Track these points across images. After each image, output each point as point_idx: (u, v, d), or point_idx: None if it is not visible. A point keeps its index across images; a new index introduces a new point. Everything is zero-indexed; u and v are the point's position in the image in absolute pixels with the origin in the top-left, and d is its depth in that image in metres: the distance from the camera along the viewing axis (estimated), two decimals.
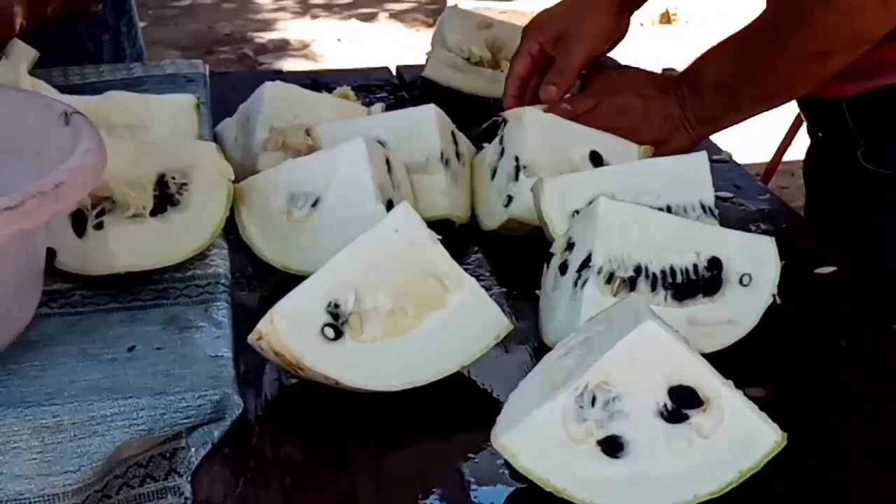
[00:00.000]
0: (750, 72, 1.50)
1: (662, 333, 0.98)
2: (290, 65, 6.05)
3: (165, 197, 1.28)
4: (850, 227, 1.63)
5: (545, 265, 1.26)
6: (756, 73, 1.50)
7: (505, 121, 1.56)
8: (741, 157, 1.80)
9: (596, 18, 1.69)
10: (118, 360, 1.08)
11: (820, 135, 1.72)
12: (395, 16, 7.04)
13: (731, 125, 1.58)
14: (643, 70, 1.71)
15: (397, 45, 6.35)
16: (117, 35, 2.21)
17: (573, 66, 1.67)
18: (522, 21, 1.79)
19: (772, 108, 1.54)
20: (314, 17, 7.01)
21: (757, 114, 1.56)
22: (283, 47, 6.43)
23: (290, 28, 6.78)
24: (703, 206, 1.34)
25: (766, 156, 3.94)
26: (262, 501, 1.00)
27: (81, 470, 1.01)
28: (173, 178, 1.29)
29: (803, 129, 3.67)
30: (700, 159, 1.36)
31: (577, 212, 1.27)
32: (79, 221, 1.23)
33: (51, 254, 1.18)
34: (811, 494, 1.01)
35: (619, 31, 1.73)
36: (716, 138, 1.81)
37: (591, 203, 1.23)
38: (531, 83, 1.70)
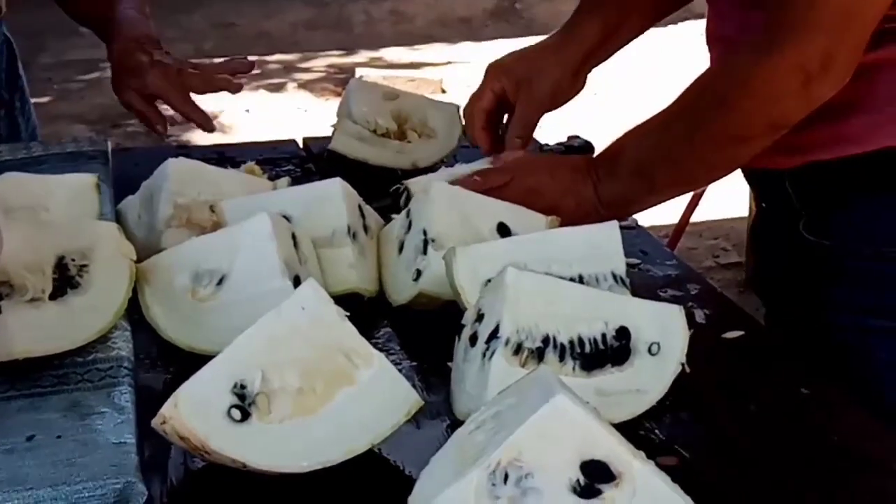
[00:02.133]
0: (669, 155, 1.52)
1: (573, 407, 0.98)
2: (197, 137, 6.01)
3: (65, 279, 1.26)
4: (793, 293, 1.64)
5: (457, 337, 1.25)
6: (675, 156, 1.52)
7: (407, 189, 1.58)
8: (647, 221, 1.82)
9: (556, 74, 1.74)
10: (17, 450, 1.06)
11: (763, 205, 1.73)
12: (304, 85, 7.07)
13: (645, 209, 1.60)
14: (559, 156, 1.73)
15: (306, 114, 6.38)
16: (11, 110, 2.19)
17: (533, 121, 1.72)
18: (428, 90, 1.81)
19: (687, 192, 1.56)
20: None
21: (672, 197, 1.58)
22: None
23: (198, 99, 6.77)
24: (614, 276, 1.34)
25: (672, 218, 3.99)
26: None
27: None
28: (73, 259, 1.28)
29: (709, 189, 3.77)
30: (611, 229, 1.37)
31: (489, 281, 1.27)
32: None
33: None
34: None
35: (574, 90, 1.77)
36: None
37: (500, 273, 1.23)
38: (491, 119, 1.77)
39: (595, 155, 1.65)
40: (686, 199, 3.94)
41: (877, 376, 1.47)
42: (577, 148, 1.85)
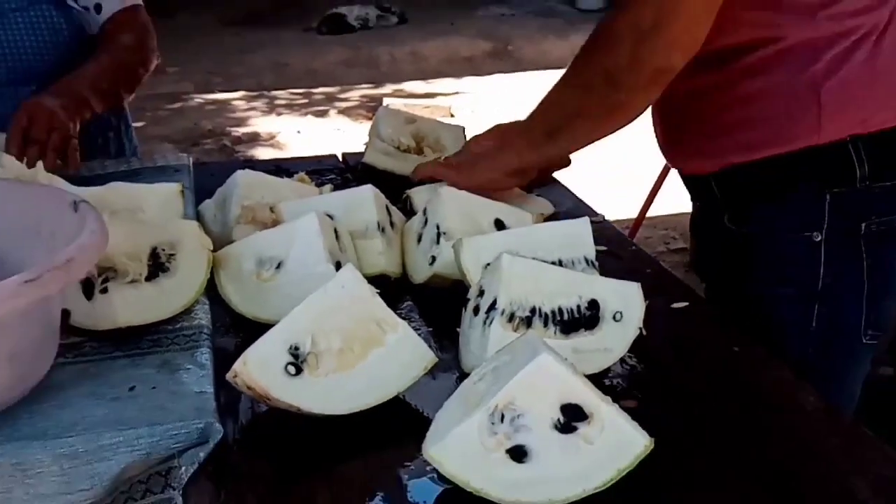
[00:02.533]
0: (564, 111, 1.52)
1: (554, 363, 0.99)
2: (260, 153, 6.03)
3: (157, 265, 1.26)
4: (723, 272, 1.64)
5: (463, 308, 1.25)
6: (568, 110, 1.51)
7: (409, 197, 1.61)
8: (612, 216, 1.82)
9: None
10: (121, 398, 1.06)
11: (697, 203, 1.73)
12: (343, 112, 7.05)
13: (565, 155, 1.61)
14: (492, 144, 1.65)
15: (345, 134, 6.36)
16: (118, 134, 2.19)
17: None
18: (440, 115, 1.80)
19: (593, 141, 1.53)
20: (279, 114, 7.01)
21: (583, 145, 1.55)
22: (254, 139, 6.41)
23: (260, 123, 6.77)
24: (586, 260, 1.34)
25: (632, 213, 3.98)
26: None
27: (94, 489, 0.99)
28: (163, 249, 1.28)
29: (661, 191, 3.76)
30: (584, 224, 1.36)
31: (489, 265, 1.27)
32: (88, 287, 1.21)
33: (65, 314, 1.16)
34: (676, 487, 1.01)
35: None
36: (592, 201, 1.83)
37: (497, 258, 1.23)
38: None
39: (518, 126, 1.61)
40: (643, 198, 3.94)
41: (784, 335, 1.47)
42: None
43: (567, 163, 1.72)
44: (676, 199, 1.73)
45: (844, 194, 1.45)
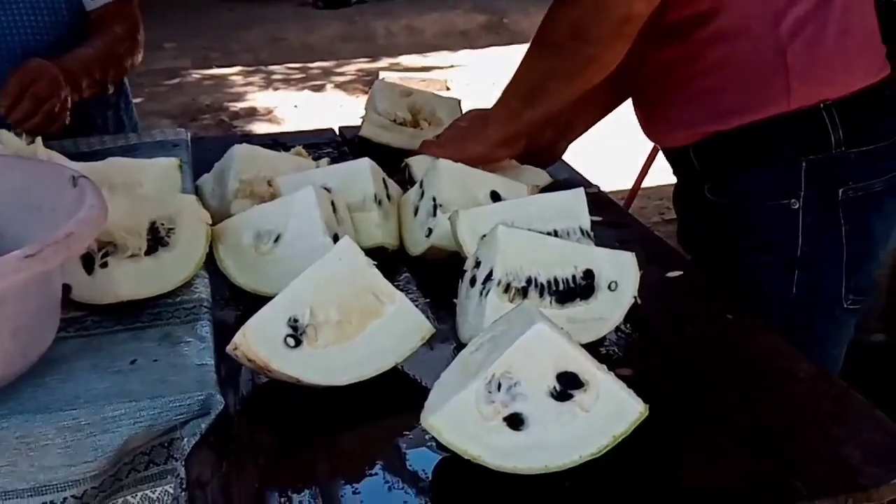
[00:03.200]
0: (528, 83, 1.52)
1: (550, 332, 0.99)
2: (257, 128, 6.01)
3: (157, 240, 1.26)
4: (708, 242, 1.64)
5: (460, 279, 1.25)
6: (534, 84, 1.52)
7: (408, 165, 1.60)
8: (607, 187, 1.82)
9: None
10: (123, 371, 1.06)
11: (679, 175, 1.73)
12: (339, 86, 7.03)
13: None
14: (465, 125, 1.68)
15: (342, 108, 6.34)
16: (118, 110, 2.18)
17: None
18: (436, 88, 1.80)
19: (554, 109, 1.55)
20: (275, 88, 6.98)
21: (549, 112, 1.56)
22: (251, 114, 6.39)
23: (257, 98, 6.75)
24: (581, 231, 1.34)
25: (626, 184, 3.98)
26: (241, 478, 0.99)
27: (97, 460, 0.99)
28: (162, 224, 1.28)
29: (654, 163, 3.75)
30: (579, 194, 1.36)
31: (485, 236, 1.27)
32: (88, 262, 1.21)
33: (66, 289, 1.16)
34: (670, 453, 1.02)
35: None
36: (587, 172, 1.83)
37: (493, 229, 1.23)
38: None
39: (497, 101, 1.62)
40: (638, 169, 3.93)
41: (767, 302, 1.48)
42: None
43: (560, 151, 1.74)
44: (670, 171, 1.73)
45: (820, 160, 1.45)
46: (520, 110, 1.54)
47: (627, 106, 1.71)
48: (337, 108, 6.33)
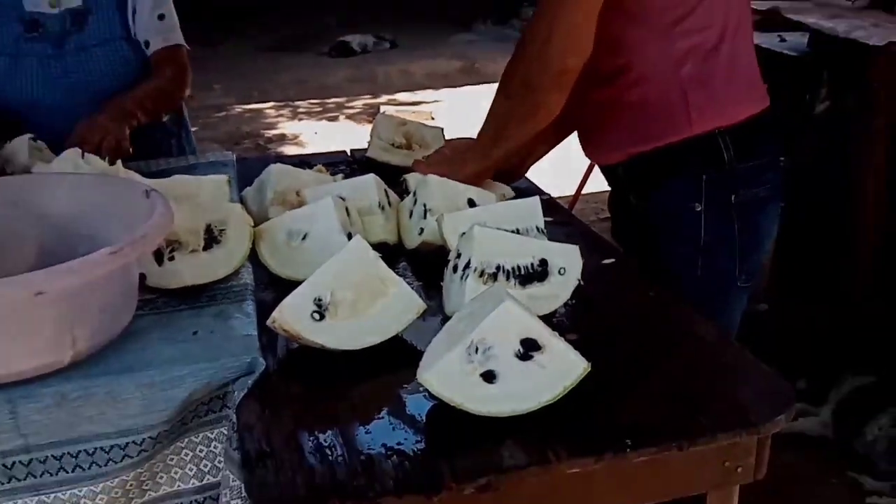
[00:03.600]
0: (500, 128, 1.49)
1: (515, 307, 0.99)
2: (286, 150, 5.97)
3: (211, 238, 1.26)
4: (634, 236, 1.63)
5: (445, 267, 1.25)
6: (503, 128, 1.48)
7: (405, 180, 1.57)
8: (555, 193, 1.81)
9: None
10: (187, 340, 1.06)
11: (611, 186, 1.73)
12: (349, 117, 6.97)
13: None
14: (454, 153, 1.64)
15: (353, 134, 6.30)
16: (179, 139, 2.16)
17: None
18: (424, 118, 1.78)
19: (525, 139, 1.50)
20: (299, 119, 6.92)
21: (521, 142, 1.51)
22: (281, 139, 6.34)
23: (286, 127, 6.68)
24: (537, 228, 1.33)
25: (570, 190, 3.97)
26: (279, 422, 0.99)
27: (168, 409, 0.99)
28: (216, 226, 1.27)
29: (592, 174, 3.76)
30: (535, 201, 1.36)
31: (464, 233, 1.27)
32: (158, 256, 1.20)
33: (142, 277, 1.16)
34: (607, 398, 1.02)
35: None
36: (540, 183, 1.82)
37: (470, 228, 1.23)
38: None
39: (472, 140, 1.58)
40: (578, 180, 3.93)
41: (679, 281, 1.47)
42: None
43: (523, 172, 1.74)
44: (604, 181, 1.73)
45: (717, 174, 1.46)
46: (489, 149, 1.52)
47: (573, 137, 1.71)
48: (348, 135, 6.29)
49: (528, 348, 0.98)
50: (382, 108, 6.81)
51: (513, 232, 1.28)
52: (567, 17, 1.36)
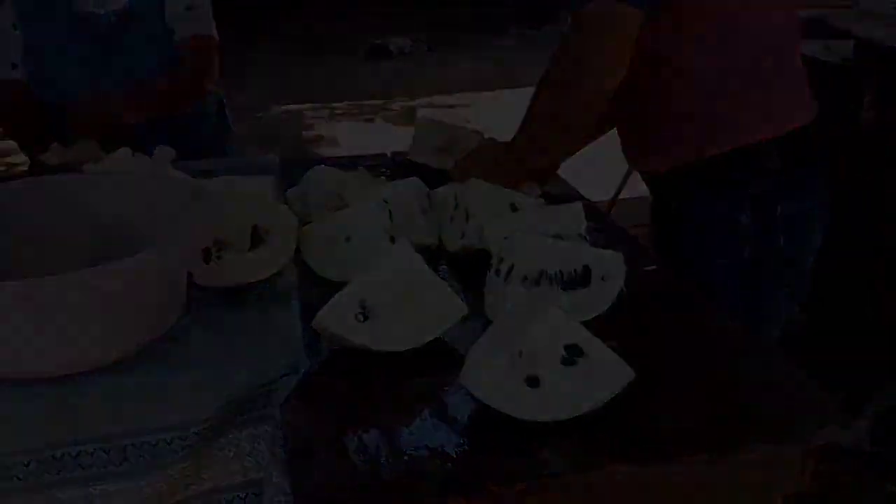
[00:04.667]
0: (535, 140, 1.48)
1: (559, 313, 0.99)
2: (323, 150, 6.02)
3: (258, 239, 1.26)
4: (676, 244, 1.62)
5: (487, 271, 1.25)
6: (540, 138, 1.48)
7: (450, 180, 1.56)
8: (592, 197, 1.79)
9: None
10: (232, 339, 1.06)
11: (653, 195, 1.72)
12: (386, 118, 7.01)
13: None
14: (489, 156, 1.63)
15: (389, 136, 6.32)
16: (223, 142, 2.19)
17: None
18: (461, 122, 1.77)
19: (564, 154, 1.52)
20: (338, 121, 6.97)
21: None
22: (319, 140, 6.38)
23: (326, 129, 6.74)
24: (580, 235, 1.33)
25: (602, 194, 3.94)
26: (323, 421, 1.00)
27: (212, 406, 0.98)
28: (262, 227, 1.27)
29: (631, 180, 3.72)
30: (578, 207, 1.35)
31: (506, 238, 1.26)
32: (207, 254, 1.21)
33: (190, 275, 1.16)
34: (649, 404, 1.01)
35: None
36: (578, 185, 1.81)
37: (512, 233, 1.22)
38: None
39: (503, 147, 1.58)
40: (610, 182, 3.91)
41: (721, 291, 1.45)
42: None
43: (554, 169, 1.73)
44: (640, 188, 1.71)
45: (763, 185, 1.44)
46: (523, 160, 1.52)
47: (613, 144, 1.69)
48: (385, 136, 6.32)
49: (573, 354, 0.97)
50: (419, 111, 6.82)
51: (555, 237, 1.27)
52: (604, 37, 1.35)
